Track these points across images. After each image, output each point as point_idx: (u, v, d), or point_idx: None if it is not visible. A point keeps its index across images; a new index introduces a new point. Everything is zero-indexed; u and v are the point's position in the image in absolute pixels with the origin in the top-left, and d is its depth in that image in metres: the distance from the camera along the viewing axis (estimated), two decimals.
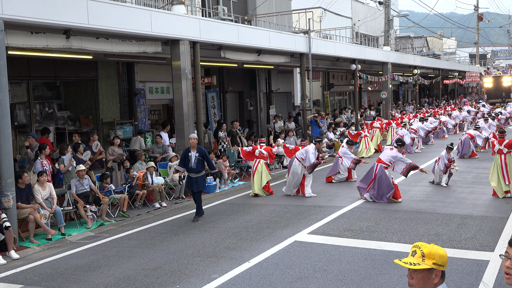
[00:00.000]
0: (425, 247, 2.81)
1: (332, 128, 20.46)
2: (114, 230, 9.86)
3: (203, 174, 10.44)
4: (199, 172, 10.29)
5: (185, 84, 12.64)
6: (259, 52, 16.27)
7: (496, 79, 40.64)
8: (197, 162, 10.22)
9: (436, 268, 2.76)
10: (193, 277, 6.88)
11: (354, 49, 23.03)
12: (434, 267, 2.76)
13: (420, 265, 2.76)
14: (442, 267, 2.78)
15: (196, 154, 10.24)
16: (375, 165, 11.38)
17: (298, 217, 10.10)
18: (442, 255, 2.78)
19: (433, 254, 2.76)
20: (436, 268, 2.76)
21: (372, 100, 33.47)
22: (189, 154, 10.26)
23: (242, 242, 8.47)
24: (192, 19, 12.73)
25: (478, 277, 6.53)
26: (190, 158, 10.23)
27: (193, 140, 10.33)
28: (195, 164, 10.21)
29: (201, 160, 10.26)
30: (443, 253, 2.79)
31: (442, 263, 2.77)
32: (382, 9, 30.70)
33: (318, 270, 6.95)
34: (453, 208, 10.42)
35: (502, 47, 69.96)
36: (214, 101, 18.43)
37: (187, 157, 10.28)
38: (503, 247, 7.70)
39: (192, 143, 10.30)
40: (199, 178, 10.31)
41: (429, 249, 2.79)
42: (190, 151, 10.29)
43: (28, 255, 8.41)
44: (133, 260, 7.76)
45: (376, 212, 10.24)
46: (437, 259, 2.76)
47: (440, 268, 2.77)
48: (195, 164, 10.21)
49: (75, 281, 6.94)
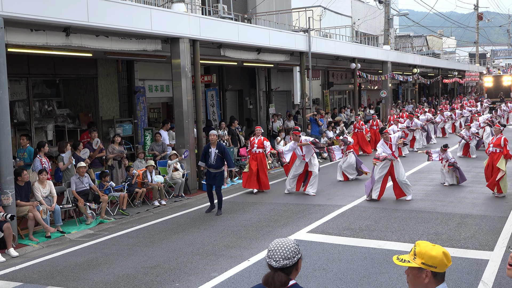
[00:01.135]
0: (419, 246, 2.73)
1: (332, 127, 20.43)
2: (113, 228, 9.85)
3: (222, 170, 10.72)
4: (218, 168, 10.56)
5: (185, 82, 12.62)
6: (259, 51, 16.26)
7: (496, 79, 40.73)
8: (217, 158, 10.49)
9: (425, 268, 2.66)
10: (193, 275, 6.88)
11: (354, 48, 23.02)
12: (422, 266, 2.66)
13: (410, 263, 2.68)
14: (433, 268, 2.65)
15: (215, 150, 10.51)
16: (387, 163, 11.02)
17: (297, 216, 10.10)
18: (432, 256, 2.65)
19: (423, 254, 2.67)
20: (425, 268, 2.66)
21: (371, 99, 33.45)
22: (209, 150, 10.54)
23: (242, 241, 8.47)
24: (192, 17, 12.71)
25: (477, 276, 6.53)
26: (210, 154, 10.51)
27: (213, 136, 10.60)
28: (214, 160, 10.48)
29: (220, 156, 10.52)
30: (436, 254, 2.65)
31: (432, 264, 2.65)
32: (382, 8, 30.69)
33: (318, 269, 6.95)
34: (453, 207, 10.43)
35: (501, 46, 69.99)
36: (213, 99, 18.42)
37: (207, 153, 10.56)
38: (503, 246, 7.71)
39: (212, 140, 10.57)
40: (218, 174, 10.59)
41: (422, 248, 2.70)
42: (211, 147, 10.55)
43: (27, 252, 8.40)
44: (132, 258, 7.75)
45: (376, 211, 10.23)
46: (426, 259, 2.66)
47: (431, 269, 2.65)
48: (215, 160, 10.48)
49: (74, 279, 6.94)
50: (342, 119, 23.27)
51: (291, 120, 20.71)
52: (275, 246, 2.71)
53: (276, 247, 2.70)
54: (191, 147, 13.00)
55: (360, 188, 12.87)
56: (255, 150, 12.60)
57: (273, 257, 2.69)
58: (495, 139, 11.33)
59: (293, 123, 20.64)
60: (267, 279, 2.71)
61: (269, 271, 2.73)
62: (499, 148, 11.09)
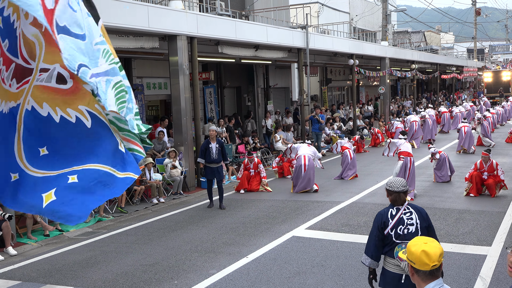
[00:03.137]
0: (412, 240, 2.84)
1: (330, 123, 20.43)
2: (112, 226, 9.84)
3: (221, 164, 10.95)
4: (219, 162, 10.80)
5: (183, 80, 12.58)
6: (256, 48, 16.22)
7: (495, 74, 40.79)
8: (218, 152, 10.75)
9: (409, 262, 2.78)
10: (191, 272, 6.88)
11: (352, 44, 22.98)
12: (407, 261, 2.80)
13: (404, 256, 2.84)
14: (413, 264, 2.74)
15: (216, 145, 10.77)
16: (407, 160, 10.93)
17: (296, 212, 10.11)
18: (411, 252, 2.76)
19: (408, 248, 2.80)
20: (409, 262, 2.78)
21: (370, 95, 33.41)
22: (210, 145, 10.76)
23: (240, 238, 8.48)
24: (189, 14, 12.67)
25: (475, 271, 6.54)
26: (211, 149, 10.71)
27: (212, 132, 10.89)
28: (216, 155, 10.72)
29: (220, 150, 10.80)
30: (414, 250, 2.74)
31: (412, 260, 2.75)
32: (379, 4, 30.62)
33: (316, 265, 6.96)
34: (451, 202, 10.44)
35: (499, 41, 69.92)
36: (211, 96, 18.37)
37: (207, 148, 10.74)
38: (501, 242, 7.72)
39: (212, 135, 10.83)
40: (219, 168, 10.83)
41: (410, 242, 2.82)
42: (210, 142, 10.77)
43: (25, 251, 8.39)
44: (131, 256, 7.75)
45: (374, 207, 10.24)
46: (408, 254, 2.79)
47: (411, 264, 2.76)
48: (216, 155, 10.72)
49: (73, 277, 6.93)
50: (340, 115, 23.25)
51: (290, 117, 20.69)
52: (393, 179, 4.42)
53: (393, 179, 4.42)
54: (189, 144, 12.98)
55: (358, 184, 12.88)
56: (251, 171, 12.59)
57: (394, 186, 4.33)
58: (487, 166, 10.87)
59: (291, 120, 20.62)
60: (395, 200, 4.35)
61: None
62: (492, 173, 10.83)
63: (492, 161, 10.93)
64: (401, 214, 4.28)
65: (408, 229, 4.24)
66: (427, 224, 4.29)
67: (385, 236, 4.28)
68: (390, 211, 4.32)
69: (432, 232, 4.30)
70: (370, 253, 4.37)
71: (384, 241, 4.30)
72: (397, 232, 4.24)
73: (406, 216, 4.27)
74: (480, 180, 10.88)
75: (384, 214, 4.33)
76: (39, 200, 3.33)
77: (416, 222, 4.25)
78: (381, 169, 14.65)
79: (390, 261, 4.29)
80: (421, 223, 4.26)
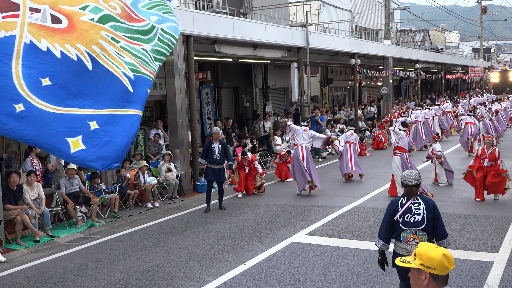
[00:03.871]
0: (420, 247, 2.76)
1: (331, 125, 20.15)
2: (104, 231, 9.72)
3: (223, 167, 10.95)
4: (222, 163, 10.80)
5: (179, 80, 12.43)
6: (255, 46, 16.01)
7: (502, 74, 40.75)
8: (221, 153, 10.77)
9: (423, 269, 2.68)
10: (187, 280, 6.80)
11: (354, 43, 22.75)
12: (421, 267, 2.69)
13: (410, 264, 2.73)
14: (432, 270, 2.66)
15: (219, 145, 10.79)
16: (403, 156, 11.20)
17: (295, 217, 9.96)
18: (431, 257, 2.67)
19: (422, 255, 2.70)
20: (424, 269, 2.68)
21: (372, 96, 33.15)
22: (212, 146, 10.74)
23: (238, 244, 8.37)
24: (185, 12, 12.54)
25: (482, 279, 6.46)
26: (214, 149, 10.69)
27: (216, 134, 10.94)
28: (219, 155, 10.72)
29: (223, 151, 10.83)
30: (435, 255, 2.66)
31: (430, 266, 2.66)
32: (382, 1, 30.42)
33: (317, 272, 6.88)
34: (456, 207, 10.27)
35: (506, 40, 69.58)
36: (208, 97, 18.10)
37: (210, 149, 10.72)
38: (508, 248, 7.66)
39: (215, 136, 10.87)
40: (221, 170, 10.84)
41: (422, 249, 2.74)
42: (213, 143, 10.76)
43: (15, 257, 8.29)
44: (124, 262, 7.66)
45: (377, 212, 10.03)
46: (425, 261, 2.68)
47: (429, 270, 2.66)
48: (219, 155, 10.72)
49: (64, 284, 6.86)
50: (342, 116, 22.98)
51: (290, 119, 20.40)
52: (407, 173, 4.87)
53: (407, 173, 4.86)
54: (185, 146, 12.75)
55: (360, 188, 12.66)
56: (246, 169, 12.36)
57: (407, 179, 4.78)
58: (488, 153, 10.58)
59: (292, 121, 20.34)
60: (408, 193, 4.82)
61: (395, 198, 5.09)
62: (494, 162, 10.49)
63: (495, 149, 10.70)
64: (410, 203, 4.82)
65: (415, 218, 4.77)
66: (433, 215, 4.74)
67: (394, 221, 4.86)
68: (401, 200, 4.89)
69: (441, 223, 4.79)
70: (382, 236, 5.00)
71: (394, 226, 4.88)
72: (404, 220, 4.80)
73: (414, 206, 4.80)
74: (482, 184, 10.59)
75: (395, 202, 4.91)
76: (65, 146, 3.58)
77: (423, 212, 4.74)
78: (384, 173, 14.36)
79: (399, 245, 4.90)
80: (428, 213, 4.73)
